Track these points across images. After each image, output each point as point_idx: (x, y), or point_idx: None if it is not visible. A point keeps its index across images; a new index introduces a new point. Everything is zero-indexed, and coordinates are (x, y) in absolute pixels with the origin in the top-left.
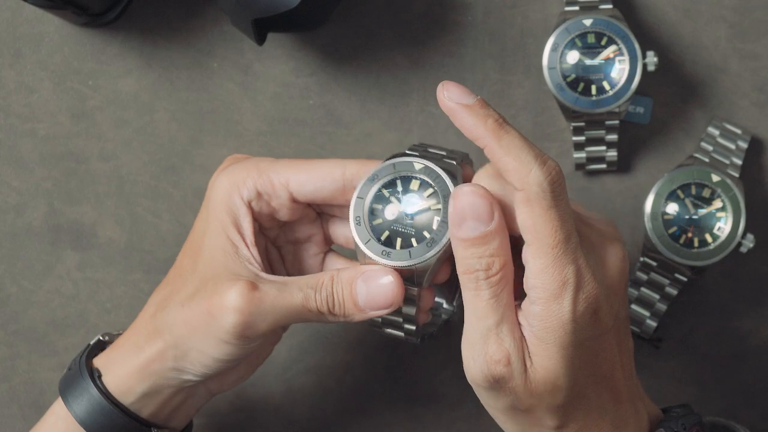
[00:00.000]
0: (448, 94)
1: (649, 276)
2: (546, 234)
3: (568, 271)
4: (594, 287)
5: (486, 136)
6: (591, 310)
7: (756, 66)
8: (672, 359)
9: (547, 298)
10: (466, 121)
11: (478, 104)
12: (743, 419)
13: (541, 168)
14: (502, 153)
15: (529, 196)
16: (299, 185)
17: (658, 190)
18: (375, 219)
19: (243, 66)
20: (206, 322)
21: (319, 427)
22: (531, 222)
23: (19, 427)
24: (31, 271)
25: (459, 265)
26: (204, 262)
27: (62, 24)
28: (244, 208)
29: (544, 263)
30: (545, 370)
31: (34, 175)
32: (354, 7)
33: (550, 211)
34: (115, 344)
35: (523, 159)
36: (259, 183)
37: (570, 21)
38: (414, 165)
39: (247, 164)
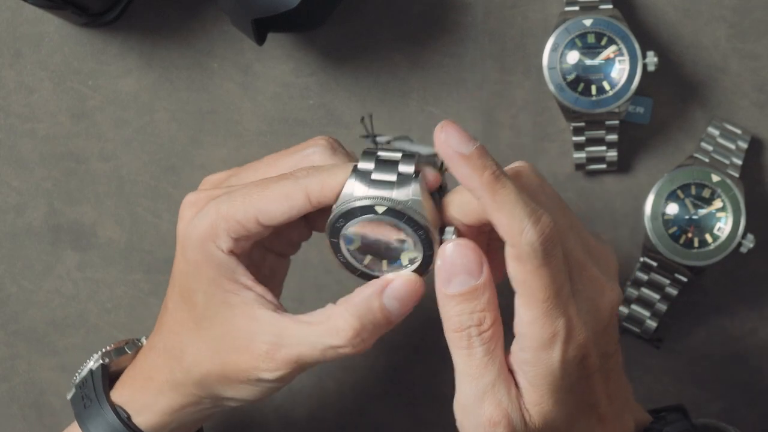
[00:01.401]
0: (445, 138)
1: (649, 276)
2: (536, 289)
3: (559, 324)
4: (584, 337)
5: (481, 189)
6: (580, 357)
7: (756, 66)
8: (672, 359)
9: (536, 347)
10: (462, 171)
11: (475, 154)
12: (743, 419)
13: (534, 227)
14: (495, 208)
15: (520, 254)
16: (268, 219)
17: (658, 190)
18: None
19: (243, 66)
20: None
21: (319, 427)
22: (521, 278)
23: (19, 427)
24: (31, 271)
25: (448, 324)
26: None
27: (62, 24)
28: (227, 258)
29: (534, 315)
30: (542, 417)
31: (34, 175)
32: (354, 7)
33: (540, 269)
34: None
35: (516, 216)
36: (230, 230)
37: (570, 21)
38: (376, 209)
39: (209, 214)
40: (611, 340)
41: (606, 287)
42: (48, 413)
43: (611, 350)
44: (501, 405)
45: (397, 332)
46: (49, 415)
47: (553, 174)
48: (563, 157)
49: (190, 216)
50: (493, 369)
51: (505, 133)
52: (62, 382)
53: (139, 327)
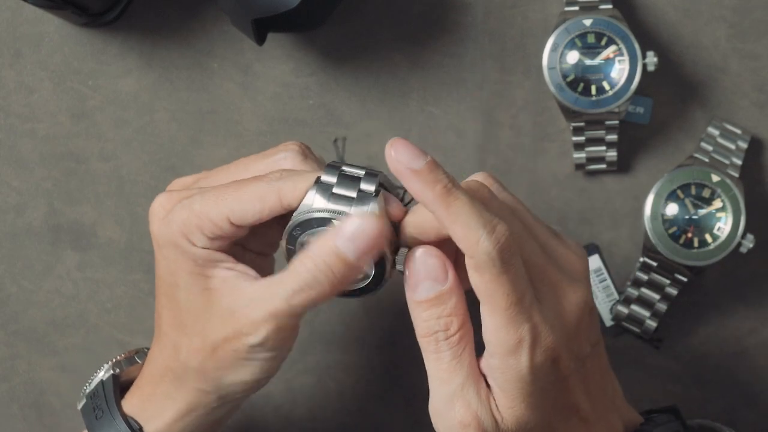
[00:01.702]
0: (395, 155)
1: (649, 276)
2: (498, 297)
3: (523, 330)
4: (551, 340)
5: (434, 203)
6: (549, 361)
7: (756, 66)
8: (672, 359)
9: (503, 354)
10: (415, 186)
11: (426, 168)
12: (743, 419)
13: (489, 237)
14: (450, 221)
15: (478, 264)
16: (240, 219)
17: (658, 190)
18: None
19: (243, 66)
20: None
21: (319, 427)
22: (482, 287)
23: (19, 427)
24: (31, 271)
25: (418, 329)
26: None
27: (62, 24)
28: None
29: (498, 323)
30: (516, 420)
31: (34, 175)
32: (354, 7)
33: (500, 277)
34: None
35: (471, 227)
36: (203, 228)
37: (570, 21)
38: (333, 222)
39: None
40: (585, 342)
41: (568, 289)
42: (48, 413)
43: (586, 352)
44: (470, 407)
45: (396, 332)
46: (49, 415)
47: (553, 174)
48: (563, 157)
49: (162, 215)
50: (461, 372)
51: (505, 133)
52: (62, 382)
53: (139, 327)
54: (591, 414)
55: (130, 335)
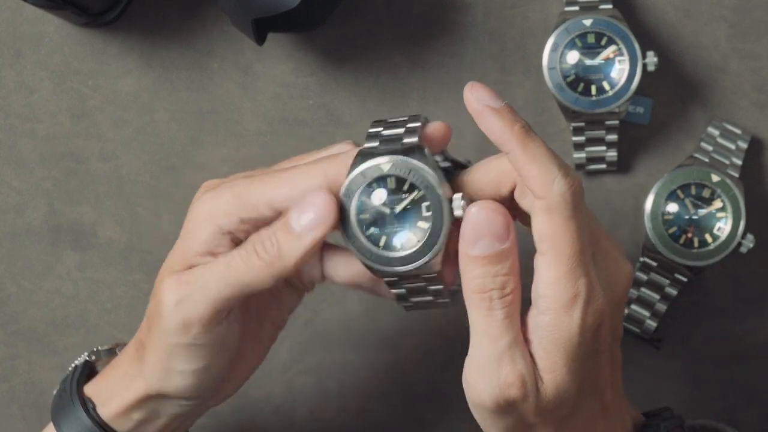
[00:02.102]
0: (475, 95)
1: (649, 276)
2: (563, 244)
3: (581, 284)
4: (603, 302)
5: (512, 142)
6: (596, 325)
7: (756, 66)
8: (672, 359)
9: (557, 309)
10: (494, 124)
11: (505, 108)
12: (743, 419)
13: (564, 178)
14: (527, 160)
15: (550, 205)
16: (284, 202)
17: (658, 190)
18: (367, 229)
19: (243, 66)
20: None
21: (319, 427)
22: (550, 231)
23: (19, 427)
24: (31, 271)
25: (469, 284)
26: None
27: (62, 24)
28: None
29: (557, 274)
30: (555, 385)
31: (34, 175)
32: (354, 7)
33: (569, 221)
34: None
35: (547, 168)
36: (240, 211)
37: (570, 21)
38: (382, 167)
39: (223, 194)
40: (620, 322)
41: (620, 259)
42: (48, 413)
43: (619, 334)
44: (516, 367)
45: (396, 332)
46: (49, 415)
47: None
48: (563, 157)
49: (202, 193)
50: (512, 331)
51: None
52: None
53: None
54: (611, 401)
55: (130, 335)
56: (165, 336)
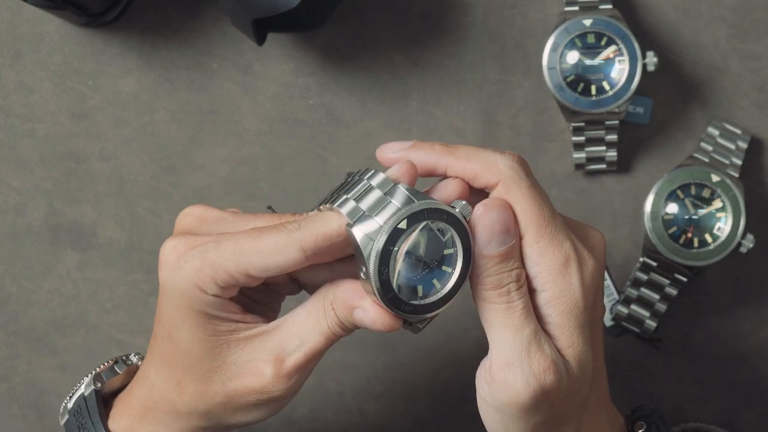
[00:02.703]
0: (388, 149)
1: (649, 276)
2: (535, 214)
3: (567, 246)
4: (594, 261)
5: (441, 158)
6: (594, 288)
7: (756, 66)
8: (672, 359)
9: (555, 278)
10: (417, 156)
11: (418, 142)
12: (743, 419)
13: (503, 156)
14: (463, 162)
15: (506, 183)
16: (259, 272)
17: (657, 190)
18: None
19: (243, 66)
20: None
21: (319, 427)
22: (518, 209)
23: (19, 427)
24: (31, 271)
25: (486, 282)
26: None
27: (62, 24)
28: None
29: (542, 245)
30: (577, 359)
31: (34, 175)
32: (354, 7)
33: (530, 189)
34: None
35: (484, 156)
36: (217, 279)
37: (570, 21)
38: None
39: (194, 261)
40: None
41: (590, 229)
42: (48, 413)
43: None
44: (545, 352)
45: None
46: (49, 415)
47: (553, 174)
48: (563, 157)
49: (173, 261)
50: (532, 319)
51: (505, 133)
52: (62, 382)
53: (139, 327)
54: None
55: (130, 335)
56: (273, 406)
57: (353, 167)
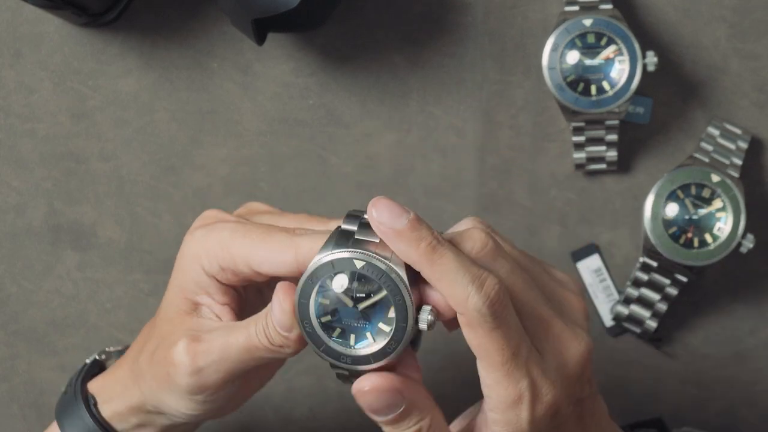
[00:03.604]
0: (377, 216)
1: (649, 276)
2: (493, 353)
3: (522, 386)
4: (552, 395)
5: (419, 263)
6: (550, 414)
7: (756, 66)
8: (672, 359)
9: (504, 408)
10: (399, 247)
11: (408, 227)
12: (743, 419)
13: (478, 293)
14: (436, 279)
15: (470, 320)
16: (257, 264)
17: (658, 190)
18: (324, 317)
19: (243, 66)
20: (167, 380)
21: (319, 427)
22: (476, 343)
23: (19, 427)
24: (31, 271)
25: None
26: (161, 319)
27: (62, 24)
28: (207, 279)
29: (495, 378)
30: None
31: (34, 175)
32: (354, 7)
33: (492, 333)
34: (111, 372)
35: (458, 284)
36: (220, 258)
37: (570, 21)
38: (354, 263)
39: (211, 235)
40: (585, 385)
41: (573, 340)
42: (48, 413)
43: (585, 394)
44: None
45: None
46: (49, 415)
47: (553, 174)
48: (563, 157)
49: (196, 228)
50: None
51: (505, 133)
52: (62, 382)
53: (139, 327)
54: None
55: (130, 335)
56: (175, 391)
57: (353, 167)
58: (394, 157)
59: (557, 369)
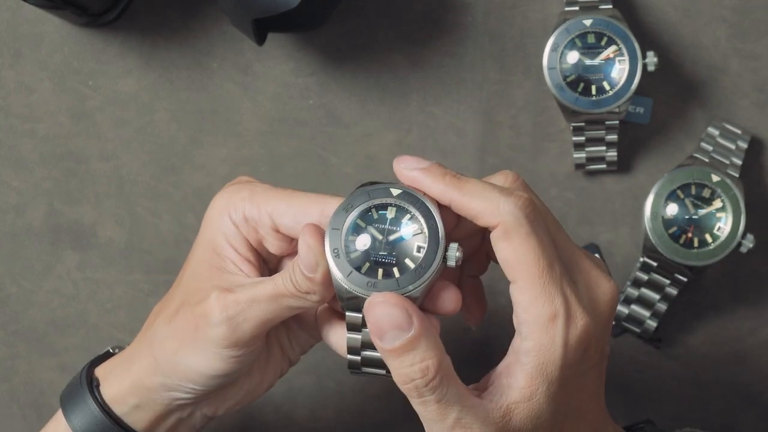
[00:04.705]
0: (404, 165)
1: (649, 276)
2: (529, 263)
3: (557, 303)
4: (585, 322)
5: (448, 191)
6: (583, 347)
7: (756, 66)
8: (672, 359)
9: (538, 332)
10: (426, 182)
11: (433, 165)
12: (743, 419)
13: (508, 198)
14: (467, 199)
15: (506, 228)
16: (279, 216)
17: (658, 190)
18: (353, 251)
19: (243, 66)
20: (193, 336)
21: (319, 427)
22: (513, 255)
23: (19, 427)
24: (31, 271)
25: (395, 377)
26: (188, 276)
27: (62, 24)
28: (233, 228)
29: (532, 295)
30: (530, 414)
31: (34, 175)
32: (354, 7)
33: (529, 238)
34: (117, 355)
35: (487, 196)
36: (247, 208)
37: (570, 21)
38: (390, 191)
39: (243, 188)
40: (607, 341)
41: (602, 279)
42: (48, 413)
43: (606, 351)
44: (472, 431)
45: None
46: (49, 415)
47: (553, 174)
48: (563, 157)
49: (227, 185)
50: (453, 408)
51: (505, 133)
52: (62, 382)
53: (139, 327)
54: (596, 421)
55: (130, 335)
56: (201, 345)
57: (353, 167)
58: (394, 157)
59: (589, 301)
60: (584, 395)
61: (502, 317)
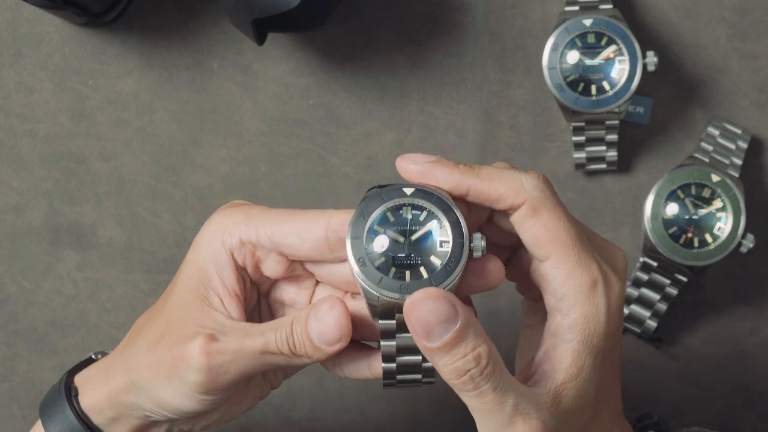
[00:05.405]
0: (410, 160)
1: (649, 276)
2: (562, 236)
3: (594, 269)
4: (620, 284)
5: (465, 178)
6: (620, 309)
7: (756, 66)
8: (672, 359)
9: (582, 302)
10: (440, 173)
11: (442, 158)
12: (743, 419)
13: (528, 175)
14: (488, 183)
15: (532, 204)
16: (282, 236)
17: (658, 190)
18: (377, 257)
19: (243, 66)
20: (169, 374)
21: (319, 427)
22: (543, 230)
23: (19, 427)
24: (31, 271)
25: (446, 374)
26: (174, 299)
27: (62, 24)
28: (225, 256)
29: (569, 267)
30: (580, 389)
31: (34, 175)
32: (354, 7)
33: (556, 210)
34: (97, 363)
35: (508, 177)
36: (243, 232)
37: (570, 21)
38: (403, 190)
39: (237, 211)
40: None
41: (615, 249)
42: None
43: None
44: (531, 417)
45: None
46: None
47: (553, 174)
48: (563, 157)
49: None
50: (509, 395)
51: (505, 133)
52: None
53: None
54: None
55: None
56: (176, 385)
57: (353, 167)
58: (394, 157)
59: (610, 264)
60: (613, 371)
61: (502, 317)
